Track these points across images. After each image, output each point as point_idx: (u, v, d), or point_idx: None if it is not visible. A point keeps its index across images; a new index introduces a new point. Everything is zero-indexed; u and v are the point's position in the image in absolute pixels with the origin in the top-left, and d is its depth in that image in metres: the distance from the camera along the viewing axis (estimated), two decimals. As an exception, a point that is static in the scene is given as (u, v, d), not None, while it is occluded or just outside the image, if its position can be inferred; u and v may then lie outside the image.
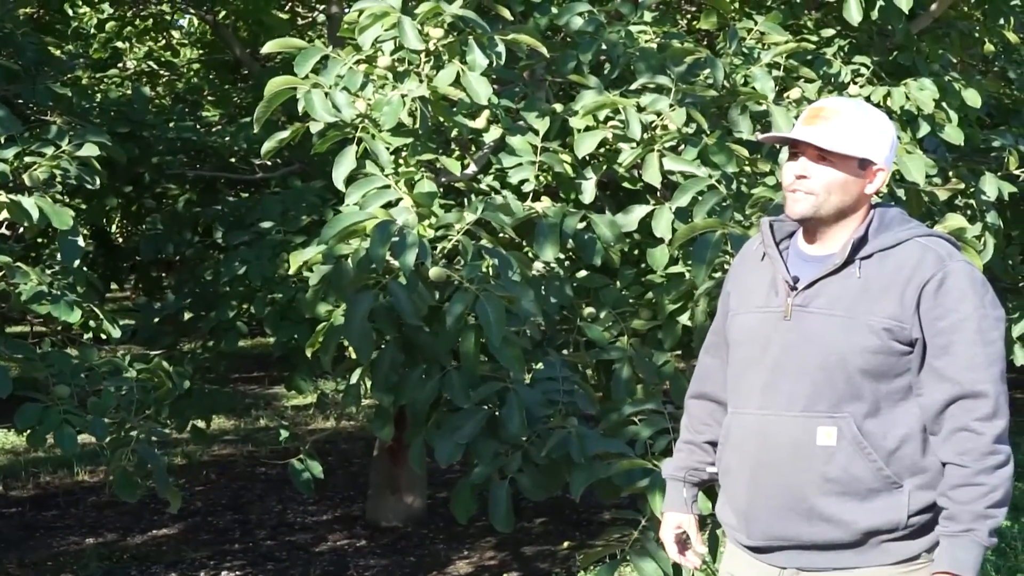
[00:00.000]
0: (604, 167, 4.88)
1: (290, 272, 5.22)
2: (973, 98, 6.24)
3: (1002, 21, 7.01)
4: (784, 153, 3.08)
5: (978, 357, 2.75)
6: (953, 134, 5.95)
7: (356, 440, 10.55)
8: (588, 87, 4.98)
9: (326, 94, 4.55)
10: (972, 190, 6.19)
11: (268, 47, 4.79)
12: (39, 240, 6.86)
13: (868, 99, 5.75)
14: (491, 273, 4.28)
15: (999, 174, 6.24)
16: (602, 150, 4.78)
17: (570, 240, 4.63)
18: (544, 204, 4.73)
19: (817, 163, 2.84)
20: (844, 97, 2.92)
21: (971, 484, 2.72)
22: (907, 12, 5.77)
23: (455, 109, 4.70)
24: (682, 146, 4.83)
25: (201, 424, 6.73)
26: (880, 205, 2.93)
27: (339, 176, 4.55)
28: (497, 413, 4.19)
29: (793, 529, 2.83)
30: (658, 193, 4.91)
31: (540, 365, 4.41)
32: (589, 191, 4.83)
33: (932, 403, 2.78)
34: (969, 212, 6.15)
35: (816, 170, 2.83)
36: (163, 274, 8.37)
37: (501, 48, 4.65)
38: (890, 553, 2.81)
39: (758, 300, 2.93)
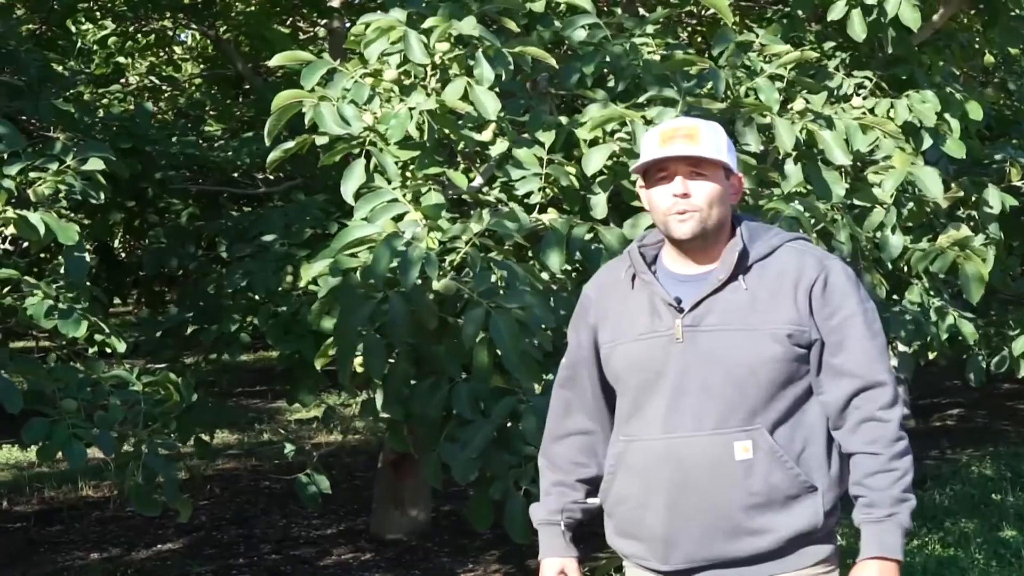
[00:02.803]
0: (611, 182, 4.88)
1: (300, 284, 5.22)
2: (975, 111, 6.27)
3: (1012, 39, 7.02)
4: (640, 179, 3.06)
5: (872, 350, 2.84)
6: (955, 147, 5.97)
7: (359, 454, 10.55)
8: (595, 100, 4.99)
9: (334, 106, 4.56)
10: (974, 202, 6.21)
11: (276, 60, 4.81)
12: (41, 255, 6.87)
13: (872, 111, 5.78)
14: (501, 284, 4.30)
15: (1001, 186, 6.26)
16: (610, 162, 4.78)
17: (577, 252, 4.64)
18: (551, 216, 4.75)
19: (693, 180, 2.84)
20: (682, 116, 2.99)
21: (886, 470, 2.78)
22: (915, 30, 5.78)
23: (462, 122, 4.71)
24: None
25: (205, 438, 6.72)
26: (736, 216, 2.97)
27: (348, 190, 4.55)
28: (508, 425, 4.21)
29: (719, 548, 2.83)
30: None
31: (550, 376, 4.42)
32: (600, 206, 4.83)
33: (835, 399, 2.84)
34: (971, 224, 6.17)
35: (695, 186, 2.84)
36: (166, 288, 8.38)
37: (509, 60, 4.67)
38: (808, 555, 2.85)
39: (640, 327, 2.90)
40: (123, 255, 8.83)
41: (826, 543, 2.88)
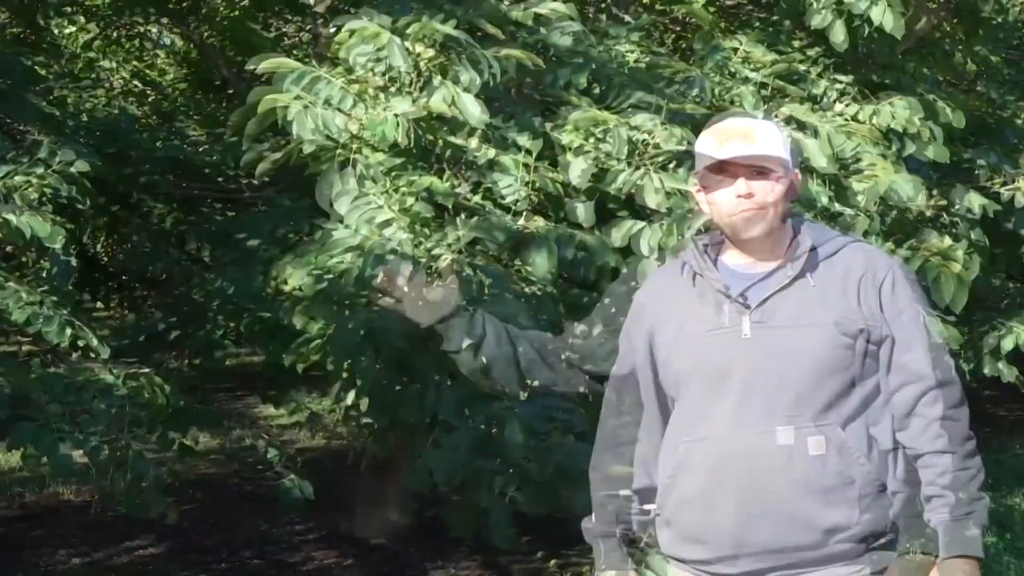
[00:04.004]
0: (596, 190, 4.87)
1: (285, 289, 5.20)
2: (958, 119, 6.30)
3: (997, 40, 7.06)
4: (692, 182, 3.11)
5: (938, 350, 2.87)
6: (937, 153, 5.99)
7: (341, 458, 10.50)
8: (578, 106, 4.99)
9: (317, 113, 4.54)
10: (956, 208, 6.23)
11: (261, 67, 4.78)
12: (23, 260, 6.84)
13: (855, 117, 5.80)
14: (487, 291, 4.29)
15: (982, 192, 6.28)
16: (594, 169, 4.78)
17: (564, 257, 4.63)
18: (536, 222, 4.75)
19: (755, 179, 2.87)
20: (739, 116, 3.04)
21: (961, 469, 2.79)
22: (899, 38, 5.81)
23: (447, 128, 4.71)
24: (672, 164, 4.84)
25: (188, 442, 6.69)
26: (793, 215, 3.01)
27: (324, 198, 4.52)
28: (493, 431, 4.21)
29: (791, 547, 2.81)
30: (647, 210, 4.92)
31: (535, 383, 4.42)
32: (586, 214, 4.83)
33: (903, 399, 2.84)
34: (954, 230, 6.18)
35: (757, 186, 2.87)
36: (147, 292, 8.35)
37: (495, 66, 4.66)
38: (875, 561, 2.84)
39: (705, 325, 2.90)
40: (104, 259, 8.79)
41: (891, 550, 2.86)
